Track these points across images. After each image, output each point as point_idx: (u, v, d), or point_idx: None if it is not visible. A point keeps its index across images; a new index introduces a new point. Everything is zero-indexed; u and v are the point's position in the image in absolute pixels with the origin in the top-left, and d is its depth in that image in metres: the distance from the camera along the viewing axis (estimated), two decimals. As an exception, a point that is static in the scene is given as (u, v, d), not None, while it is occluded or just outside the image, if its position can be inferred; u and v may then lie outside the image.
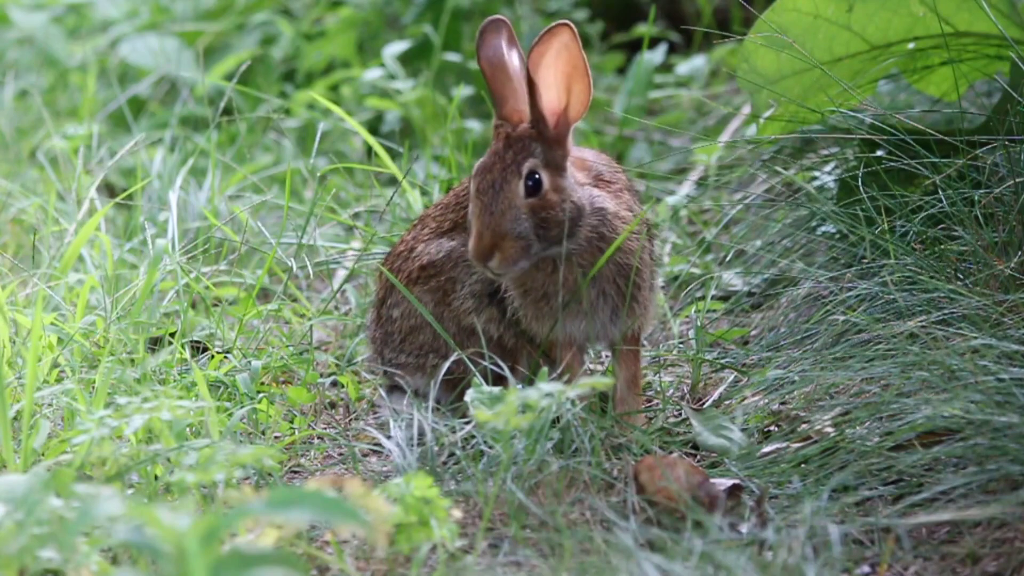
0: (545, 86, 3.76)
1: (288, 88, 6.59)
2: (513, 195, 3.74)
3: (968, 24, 4.41)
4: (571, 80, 3.77)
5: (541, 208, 3.75)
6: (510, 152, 3.76)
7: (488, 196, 3.73)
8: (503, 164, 3.75)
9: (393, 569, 3.35)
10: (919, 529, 3.42)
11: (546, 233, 3.75)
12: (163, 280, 4.53)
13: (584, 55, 3.76)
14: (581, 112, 3.80)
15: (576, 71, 3.76)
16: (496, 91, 3.81)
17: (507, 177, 3.74)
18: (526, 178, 3.75)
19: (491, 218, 3.72)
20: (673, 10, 6.91)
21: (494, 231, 3.72)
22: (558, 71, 3.76)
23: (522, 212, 3.74)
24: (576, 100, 3.78)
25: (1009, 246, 4.04)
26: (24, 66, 7.03)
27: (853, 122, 4.41)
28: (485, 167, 3.76)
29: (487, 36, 3.84)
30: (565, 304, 3.83)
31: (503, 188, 3.74)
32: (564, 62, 3.75)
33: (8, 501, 3.09)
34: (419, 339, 3.99)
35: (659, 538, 3.34)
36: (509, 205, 3.73)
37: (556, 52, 3.74)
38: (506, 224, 3.73)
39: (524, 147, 3.77)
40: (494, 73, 3.82)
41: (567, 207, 3.77)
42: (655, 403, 4.11)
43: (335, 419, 4.21)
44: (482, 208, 3.73)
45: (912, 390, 3.63)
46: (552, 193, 3.76)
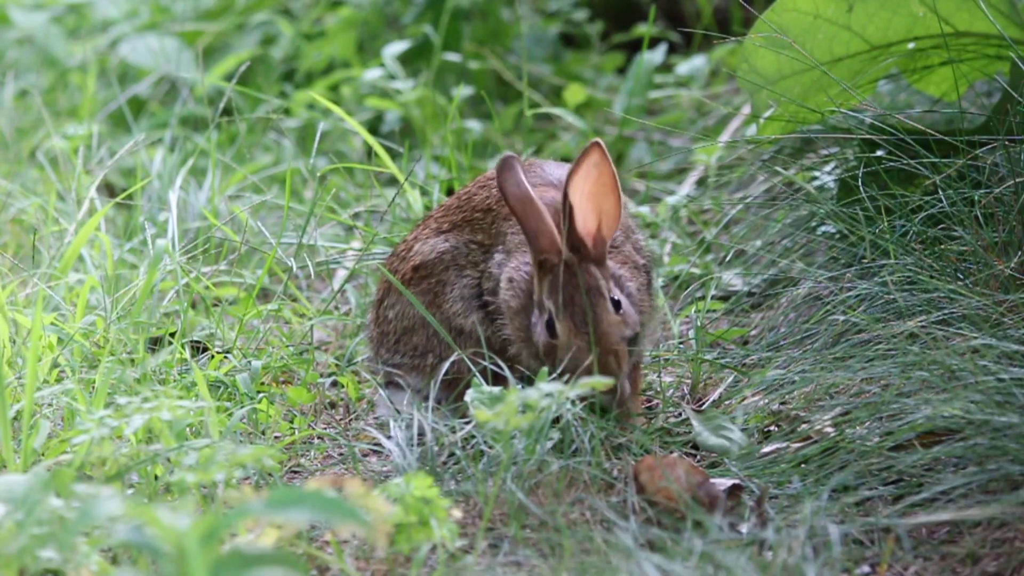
0: (580, 211, 3.76)
1: (288, 88, 6.59)
2: (609, 315, 3.76)
3: (968, 24, 4.41)
4: (601, 199, 3.77)
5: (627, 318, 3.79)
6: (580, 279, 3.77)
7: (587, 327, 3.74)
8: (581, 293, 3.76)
9: (393, 569, 3.35)
10: (919, 529, 3.42)
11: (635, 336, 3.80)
12: (163, 280, 4.53)
13: (614, 170, 3.77)
14: (614, 229, 3.80)
15: (606, 188, 3.77)
16: (529, 227, 3.79)
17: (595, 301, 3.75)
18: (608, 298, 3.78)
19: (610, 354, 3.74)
20: (673, 10, 6.91)
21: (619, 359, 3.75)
22: (587, 192, 3.77)
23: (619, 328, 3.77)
24: (607, 216, 3.79)
25: (1009, 246, 4.04)
26: (24, 66, 7.03)
27: (853, 122, 4.41)
28: (567, 301, 3.75)
29: (506, 174, 3.80)
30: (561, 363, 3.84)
31: (597, 313, 3.75)
32: (593, 182, 3.76)
33: (8, 501, 3.09)
34: (413, 340, 4.00)
35: (659, 538, 3.34)
36: (611, 325, 3.75)
37: (586, 172, 3.75)
38: (616, 342, 3.75)
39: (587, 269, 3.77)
40: (524, 209, 3.79)
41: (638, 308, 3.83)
42: (655, 403, 4.11)
43: (335, 419, 4.21)
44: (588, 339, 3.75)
45: (912, 390, 3.63)
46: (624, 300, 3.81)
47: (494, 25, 6.58)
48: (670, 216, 5.12)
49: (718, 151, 5.33)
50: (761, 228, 4.74)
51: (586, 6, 6.88)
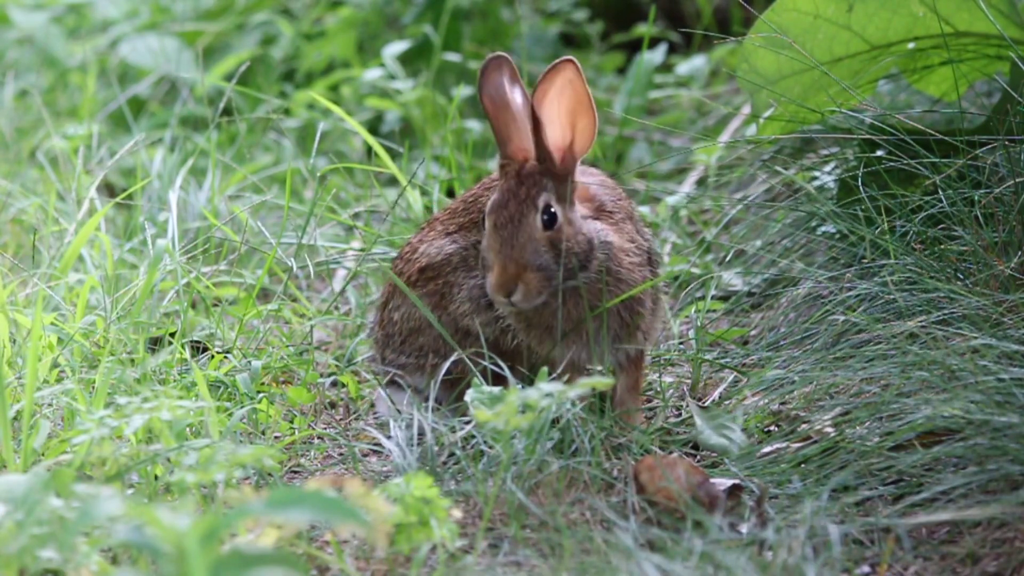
0: (550, 122, 3.77)
1: (288, 88, 6.59)
2: (532, 228, 3.75)
3: (968, 24, 4.41)
4: (576, 116, 3.78)
5: (559, 240, 3.76)
6: (523, 188, 3.77)
7: (507, 230, 3.75)
8: (518, 199, 3.77)
9: (393, 569, 3.35)
10: (919, 529, 3.42)
11: (566, 264, 3.77)
12: (163, 280, 4.53)
13: (588, 90, 3.77)
14: (587, 147, 3.81)
15: (581, 106, 3.77)
16: (500, 129, 3.82)
17: (524, 211, 3.76)
18: (542, 212, 3.76)
19: (512, 251, 3.74)
20: (673, 10, 6.91)
21: (517, 263, 3.74)
22: (562, 107, 3.77)
23: (541, 245, 3.76)
24: (581, 135, 3.80)
25: (1009, 246, 4.04)
26: (24, 66, 7.03)
27: (853, 122, 4.41)
28: (500, 203, 3.77)
29: (489, 74, 3.84)
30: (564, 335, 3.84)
31: (521, 222, 3.75)
32: (568, 98, 3.76)
33: (8, 501, 3.09)
34: (419, 341, 4.00)
35: (659, 538, 3.34)
36: (529, 238, 3.75)
37: (560, 88, 3.75)
38: (528, 256, 3.74)
39: (535, 182, 3.78)
40: (497, 111, 3.82)
41: (580, 240, 3.79)
42: (655, 403, 4.11)
43: (335, 419, 4.21)
44: (502, 242, 3.75)
45: (912, 390, 3.63)
46: (566, 226, 3.78)
47: (494, 25, 6.58)
48: (670, 216, 5.12)
49: (718, 151, 5.33)
50: (761, 228, 4.74)
51: (586, 6, 6.88)
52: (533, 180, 3.78)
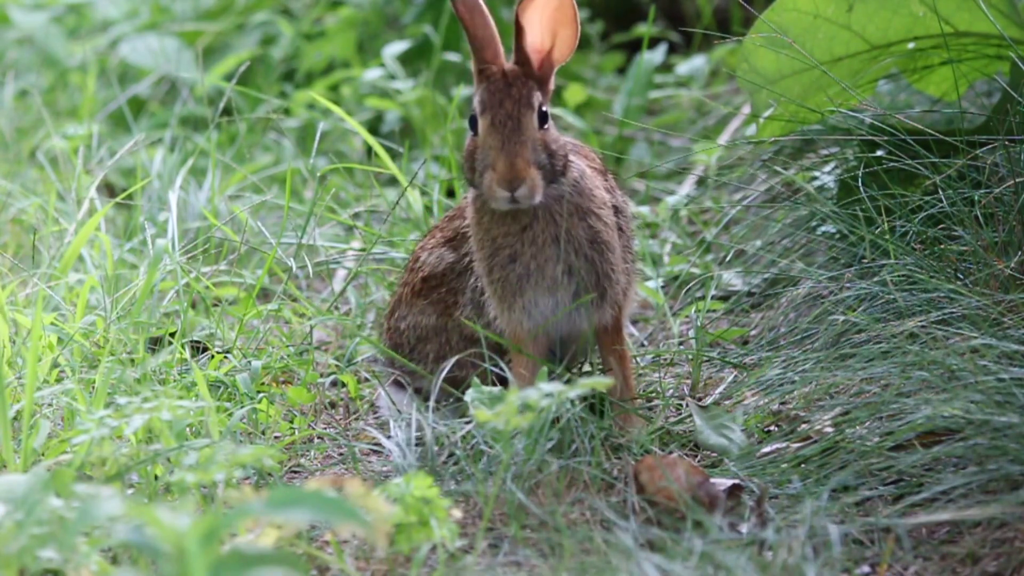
0: (531, 27, 3.79)
1: (288, 88, 6.59)
2: (530, 126, 3.76)
3: (968, 24, 4.41)
4: (558, 24, 3.81)
5: (550, 142, 3.78)
6: (515, 88, 3.78)
7: (508, 127, 3.74)
8: (513, 99, 3.77)
9: (393, 569, 3.35)
10: (919, 529, 3.42)
11: (554, 166, 3.77)
12: (163, 280, 4.53)
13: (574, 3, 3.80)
14: (566, 56, 3.84)
15: (564, 16, 3.80)
16: (475, 35, 3.83)
17: (522, 110, 3.76)
18: (537, 111, 3.78)
19: (517, 147, 3.73)
20: (673, 10, 6.91)
21: (523, 159, 3.73)
22: (546, 15, 3.80)
23: (538, 143, 3.77)
24: (561, 43, 3.82)
25: (1009, 246, 4.04)
26: (24, 66, 7.03)
27: (853, 122, 4.41)
28: (495, 102, 3.77)
29: None
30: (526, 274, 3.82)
31: (521, 120, 3.75)
32: (553, 6, 3.79)
33: (8, 501, 3.09)
34: (427, 348, 4.01)
35: (659, 538, 3.34)
36: (530, 136, 3.75)
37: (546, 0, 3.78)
38: (529, 154, 3.75)
39: (525, 83, 3.80)
40: (472, 17, 3.84)
41: (563, 143, 3.81)
42: (655, 403, 4.11)
43: (335, 419, 4.21)
44: (505, 138, 3.74)
45: (912, 390, 3.63)
46: (551, 130, 3.81)
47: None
48: (670, 216, 5.12)
49: (718, 151, 5.33)
50: (761, 228, 4.74)
51: (586, 6, 6.88)
52: (522, 81, 3.79)
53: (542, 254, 3.81)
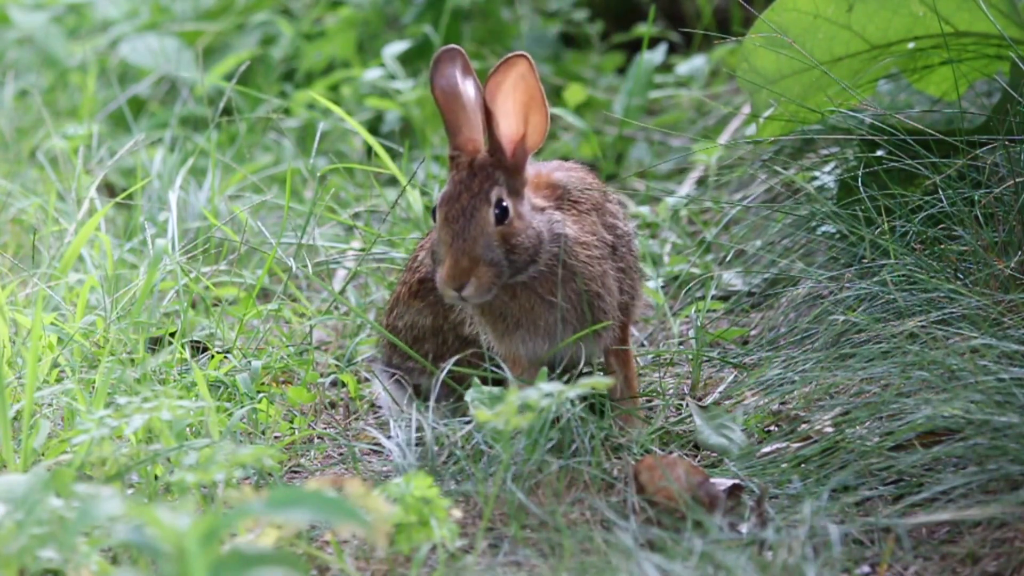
0: (503, 115, 3.75)
1: (288, 88, 6.59)
2: (484, 222, 3.73)
3: (968, 24, 4.41)
4: (528, 110, 3.76)
5: (510, 235, 3.74)
6: (476, 180, 3.75)
7: (459, 224, 3.72)
8: (471, 192, 3.74)
9: (393, 569, 3.35)
10: (919, 529, 3.42)
11: (516, 260, 3.74)
12: (163, 280, 4.53)
13: (541, 86, 3.76)
14: (539, 142, 3.79)
15: (533, 101, 3.76)
16: (450, 121, 3.80)
17: (476, 204, 3.73)
18: (495, 205, 3.74)
19: (465, 244, 3.71)
20: (673, 10, 6.91)
21: (470, 257, 3.71)
22: (516, 101, 3.75)
23: (493, 239, 3.73)
24: (533, 130, 3.78)
25: (1009, 246, 4.04)
26: (24, 66, 7.03)
27: (853, 122, 4.41)
28: (452, 196, 3.75)
29: (442, 65, 3.81)
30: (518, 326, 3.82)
31: (474, 215, 3.73)
32: (522, 92, 3.75)
33: (8, 501, 3.09)
34: (424, 347, 4.02)
35: (659, 538, 3.34)
36: (481, 232, 3.72)
37: (513, 82, 3.74)
38: (479, 250, 3.71)
39: (488, 175, 3.76)
40: (448, 102, 3.80)
41: (531, 234, 3.77)
42: (655, 403, 4.11)
43: (335, 419, 4.21)
44: (454, 235, 3.72)
45: (912, 390, 3.63)
46: (517, 220, 3.76)
47: (494, 25, 6.58)
48: (670, 216, 5.12)
49: (718, 151, 5.33)
50: (761, 228, 4.74)
51: (586, 6, 6.88)
52: (486, 173, 3.76)
53: (531, 313, 3.82)
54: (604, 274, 3.86)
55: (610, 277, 3.88)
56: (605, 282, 3.86)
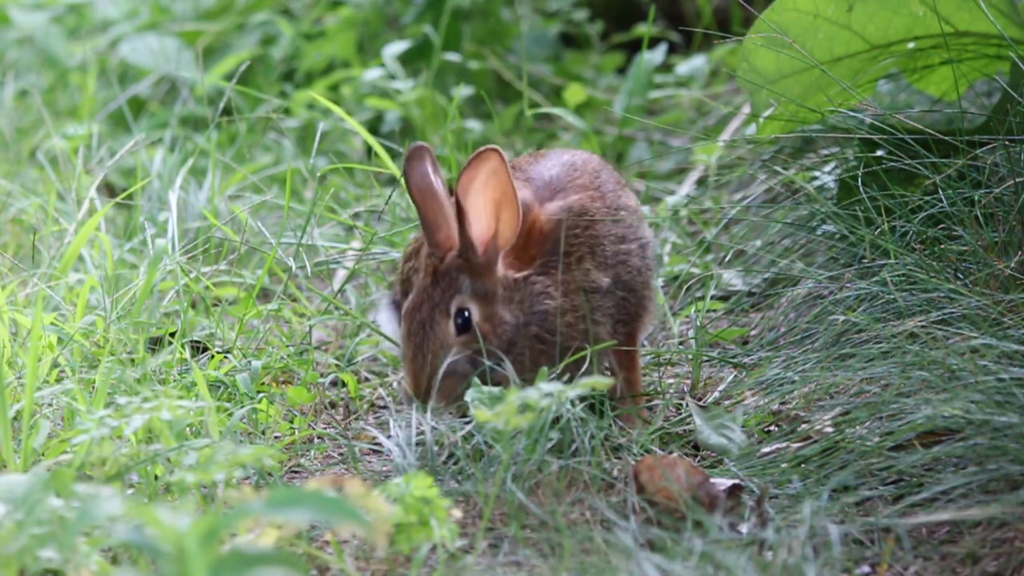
0: (475, 215, 3.71)
1: (288, 88, 6.59)
2: (444, 335, 3.72)
3: (968, 24, 4.41)
4: (500, 207, 3.72)
5: (473, 341, 3.73)
6: (437, 289, 3.73)
7: (419, 337, 3.71)
8: (431, 304, 3.72)
9: (393, 569, 3.35)
10: (919, 529, 3.42)
11: (482, 361, 3.73)
12: (163, 280, 4.53)
13: (512, 181, 3.71)
14: (509, 239, 3.74)
15: (505, 197, 3.71)
16: (429, 219, 3.75)
17: (436, 317, 3.72)
18: (455, 316, 3.73)
19: (425, 360, 3.71)
20: (673, 10, 6.91)
21: (429, 373, 3.71)
22: (487, 198, 3.71)
23: (454, 350, 3.72)
24: (505, 227, 3.73)
25: (1009, 246, 4.04)
26: (24, 66, 7.03)
27: (853, 122, 4.41)
28: (414, 307, 3.74)
29: (413, 162, 3.76)
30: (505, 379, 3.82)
31: (433, 328, 3.72)
32: (493, 189, 3.71)
33: (8, 501, 3.09)
34: None
35: (659, 538, 3.34)
36: (441, 346, 3.71)
37: (485, 179, 3.69)
38: (438, 364, 3.71)
39: (451, 282, 3.73)
40: (425, 200, 3.75)
41: (501, 332, 3.75)
42: (655, 403, 4.11)
43: (335, 419, 4.21)
44: (415, 351, 3.72)
45: (912, 390, 3.63)
46: (484, 324, 3.74)
47: (494, 25, 6.58)
48: (670, 216, 5.12)
49: (718, 151, 5.33)
50: (761, 228, 4.74)
51: (586, 6, 6.88)
52: (448, 280, 3.73)
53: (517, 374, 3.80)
54: (587, 331, 3.83)
55: (599, 328, 3.85)
56: (590, 337, 3.83)
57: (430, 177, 3.75)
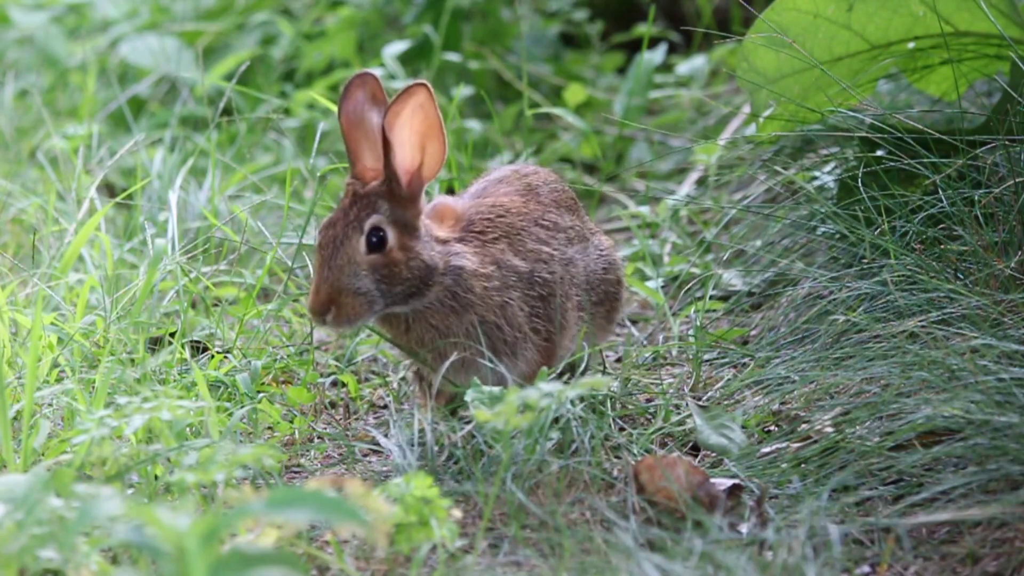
0: (399, 144, 3.74)
1: (288, 88, 6.59)
2: (353, 251, 3.72)
3: (968, 24, 4.41)
4: (426, 140, 3.75)
5: (383, 265, 3.73)
6: (355, 208, 3.75)
7: (328, 250, 3.73)
8: (346, 220, 3.74)
9: (393, 569, 3.35)
10: (919, 529, 3.42)
11: (389, 290, 3.74)
12: (163, 280, 4.53)
13: (440, 115, 3.75)
14: (435, 171, 3.78)
15: (432, 131, 3.75)
16: (352, 148, 3.79)
17: (348, 233, 3.73)
18: (368, 234, 3.73)
19: (329, 272, 3.71)
20: (673, 10, 6.91)
21: (332, 285, 3.71)
22: (413, 130, 3.74)
23: (362, 268, 3.72)
24: (430, 159, 3.77)
25: (1009, 246, 4.04)
26: (24, 66, 7.03)
27: (853, 122, 4.41)
28: (330, 222, 3.76)
29: (351, 90, 3.80)
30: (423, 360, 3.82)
31: (344, 243, 3.72)
32: (419, 122, 3.74)
33: (8, 501, 3.09)
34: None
35: (659, 538, 3.34)
36: (348, 260, 3.72)
37: (412, 111, 3.72)
38: (344, 279, 3.71)
39: (369, 203, 3.75)
40: (352, 129, 3.79)
41: (415, 265, 3.75)
42: (655, 403, 4.11)
43: (335, 419, 4.21)
44: (321, 262, 3.73)
45: (912, 390, 3.63)
46: (398, 251, 3.74)
47: (494, 25, 6.58)
48: (670, 216, 5.12)
49: (718, 151, 5.33)
50: (761, 228, 4.74)
51: (586, 6, 6.88)
52: (367, 202, 3.75)
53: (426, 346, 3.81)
54: (504, 305, 3.84)
55: (514, 308, 3.86)
56: (506, 313, 3.84)
57: (362, 106, 3.78)
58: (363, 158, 3.79)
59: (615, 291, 4.08)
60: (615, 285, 4.08)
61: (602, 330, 4.07)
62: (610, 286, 4.06)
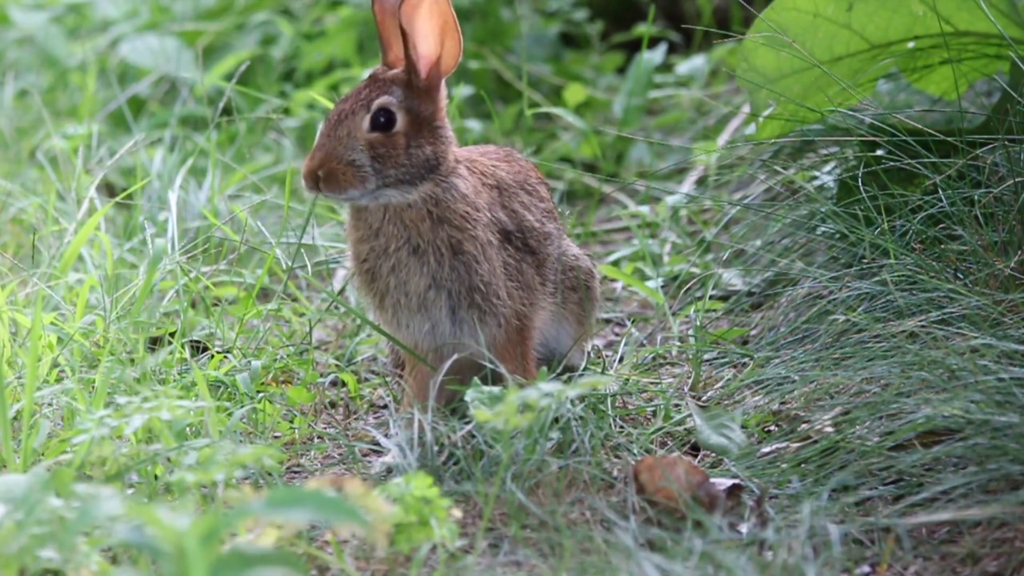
0: (420, 35, 3.81)
1: (288, 88, 6.59)
2: (356, 127, 3.79)
3: (968, 24, 4.41)
4: (443, 34, 3.83)
5: (382, 145, 3.79)
6: (368, 89, 3.84)
7: (332, 123, 3.81)
8: (357, 98, 3.83)
9: (393, 569, 3.35)
10: (919, 529, 3.42)
11: (383, 170, 3.78)
12: (163, 280, 4.53)
13: (454, 13, 3.83)
14: (452, 66, 3.85)
15: (447, 26, 3.83)
16: (384, 37, 3.89)
17: (356, 109, 3.81)
18: (375, 113, 3.79)
19: (327, 141, 3.79)
20: (673, 10, 6.91)
21: (327, 153, 3.78)
22: (432, 23, 3.82)
23: (359, 143, 3.79)
24: (448, 53, 3.85)
25: (1009, 246, 4.04)
26: (24, 66, 7.03)
27: (853, 122, 4.41)
28: (344, 98, 3.85)
29: None
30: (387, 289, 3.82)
31: (349, 118, 3.80)
32: (436, 16, 3.82)
33: (8, 501, 3.09)
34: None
35: (659, 538, 3.34)
36: (348, 134, 3.79)
37: (428, 7, 3.80)
38: (340, 149, 3.78)
39: (383, 86, 3.83)
40: (384, 19, 3.88)
41: (416, 155, 3.80)
42: (655, 403, 4.11)
43: (335, 419, 4.21)
44: (323, 133, 3.81)
45: (912, 390, 3.63)
46: (402, 136, 3.80)
47: (494, 25, 6.58)
48: (670, 216, 5.12)
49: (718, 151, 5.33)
50: (761, 228, 4.74)
51: (586, 6, 6.88)
52: (381, 84, 3.84)
53: (402, 267, 3.82)
54: (487, 244, 3.86)
55: (493, 250, 3.87)
56: (487, 253, 3.86)
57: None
58: (394, 47, 3.88)
59: (586, 280, 4.08)
60: (586, 274, 4.09)
61: (578, 321, 4.06)
62: (581, 273, 4.07)
